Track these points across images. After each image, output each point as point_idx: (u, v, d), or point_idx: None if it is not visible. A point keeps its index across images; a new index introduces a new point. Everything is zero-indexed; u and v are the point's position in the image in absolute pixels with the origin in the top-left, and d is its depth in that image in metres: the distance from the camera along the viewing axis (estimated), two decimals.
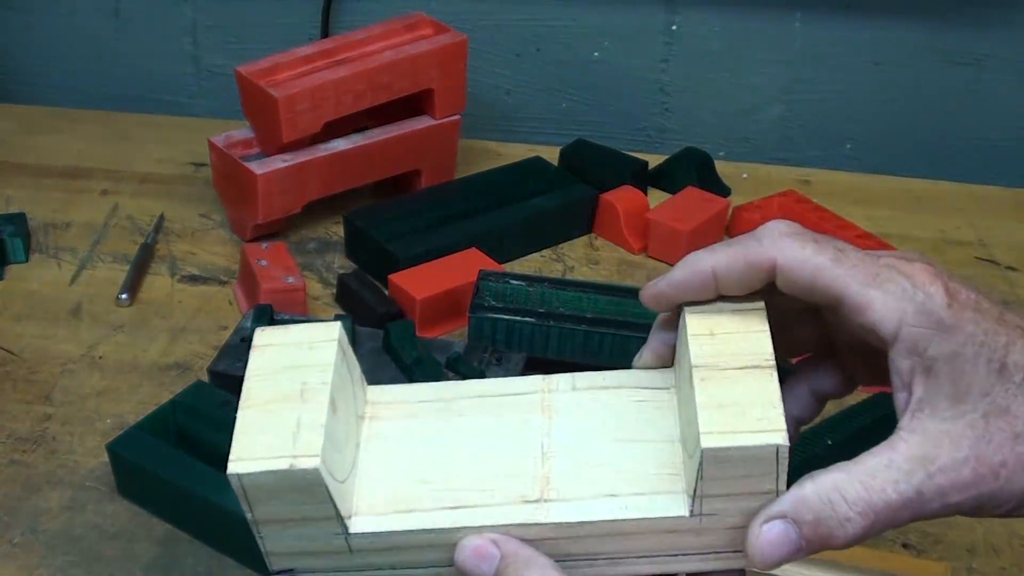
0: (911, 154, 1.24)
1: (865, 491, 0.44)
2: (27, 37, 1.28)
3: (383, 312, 0.89)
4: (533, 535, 0.45)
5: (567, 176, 1.09)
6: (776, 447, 0.43)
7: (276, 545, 0.46)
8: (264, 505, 0.45)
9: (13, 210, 1.05)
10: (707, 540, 0.46)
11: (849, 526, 0.43)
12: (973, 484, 0.43)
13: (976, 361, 0.44)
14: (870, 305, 0.44)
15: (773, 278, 0.46)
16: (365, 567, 0.47)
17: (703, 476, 0.44)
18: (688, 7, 1.20)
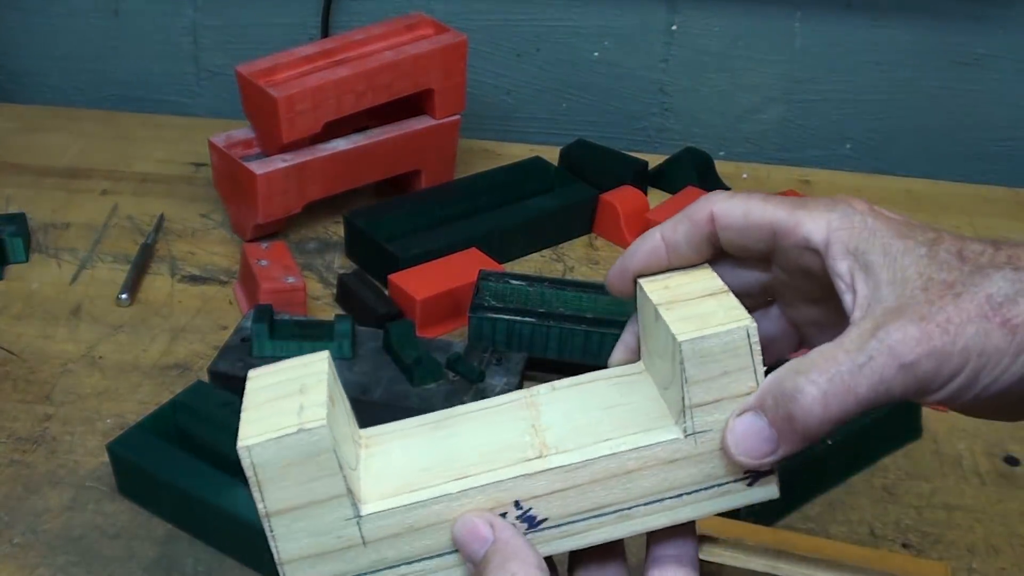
0: (911, 154, 1.24)
1: (819, 363, 0.44)
2: (27, 37, 1.28)
3: (383, 312, 0.89)
4: (540, 488, 0.46)
5: (567, 176, 1.09)
6: (746, 328, 0.45)
7: (288, 546, 0.46)
8: (274, 487, 0.45)
9: (13, 210, 1.05)
10: (707, 469, 0.47)
11: (802, 399, 0.44)
12: (923, 339, 0.43)
13: (906, 249, 0.46)
14: (799, 222, 0.48)
15: (715, 232, 0.49)
16: (379, 565, 0.47)
17: (687, 379, 0.45)
18: (688, 7, 1.20)
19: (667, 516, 0.47)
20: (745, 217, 0.49)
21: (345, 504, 0.46)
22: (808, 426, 0.44)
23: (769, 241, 0.49)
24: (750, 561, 0.62)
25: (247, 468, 0.45)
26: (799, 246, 0.48)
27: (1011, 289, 0.44)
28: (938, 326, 0.44)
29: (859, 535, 0.75)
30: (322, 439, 0.44)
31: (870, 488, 0.79)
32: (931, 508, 0.77)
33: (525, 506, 0.47)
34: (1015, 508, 0.77)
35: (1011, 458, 0.82)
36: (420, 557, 0.47)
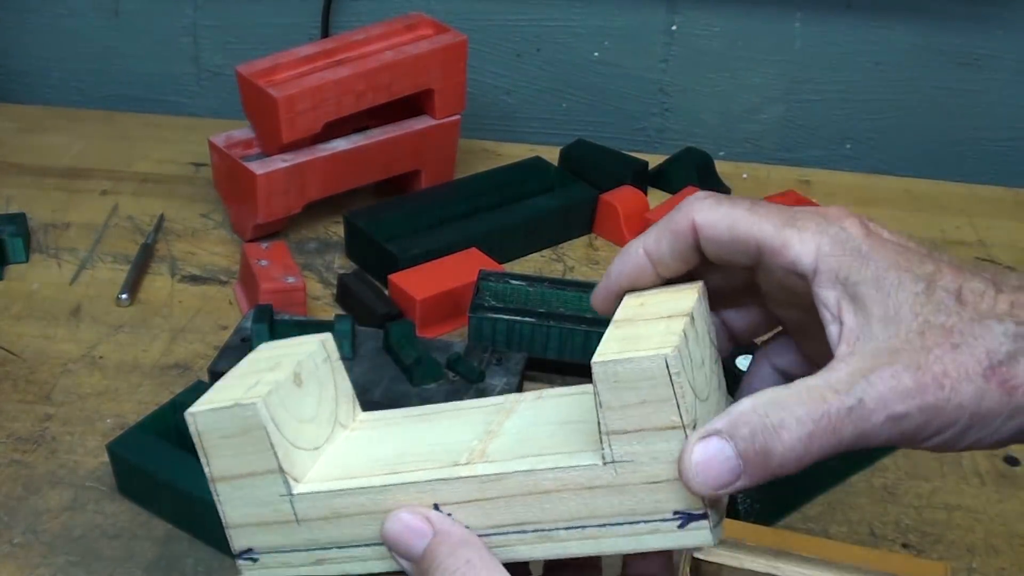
0: (911, 154, 1.24)
1: (804, 399, 0.41)
2: (27, 37, 1.28)
3: (383, 312, 0.89)
4: (459, 495, 0.46)
5: (567, 176, 1.09)
6: (664, 358, 0.42)
7: (232, 513, 0.49)
8: (216, 455, 0.48)
9: (13, 210, 1.05)
10: (629, 503, 0.44)
11: (786, 435, 0.41)
12: (916, 392, 0.41)
13: (901, 284, 0.43)
14: (786, 243, 0.45)
15: (698, 241, 0.47)
16: (312, 544, 0.48)
17: (601, 403, 0.43)
18: (688, 7, 1.20)
19: (590, 545, 0.45)
20: (730, 231, 0.46)
21: (278, 481, 0.48)
22: (785, 463, 0.41)
23: (754, 256, 0.46)
24: (750, 561, 0.61)
25: (193, 434, 0.48)
26: (785, 268, 0.45)
27: (1012, 347, 0.42)
28: (934, 379, 0.41)
29: (859, 535, 0.75)
30: (254, 415, 0.47)
31: (870, 488, 0.79)
32: (931, 508, 0.77)
33: (445, 511, 0.46)
34: (1015, 508, 0.77)
35: (1011, 458, 0.82)
36: (351, 543, 0.48)
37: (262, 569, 0.49)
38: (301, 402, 0.49)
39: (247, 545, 0.49)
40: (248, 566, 0.50)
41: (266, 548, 0.49)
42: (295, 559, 0.49)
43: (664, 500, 0.44)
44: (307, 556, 0.49)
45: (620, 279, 0.48)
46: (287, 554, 0.49)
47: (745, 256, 0.46)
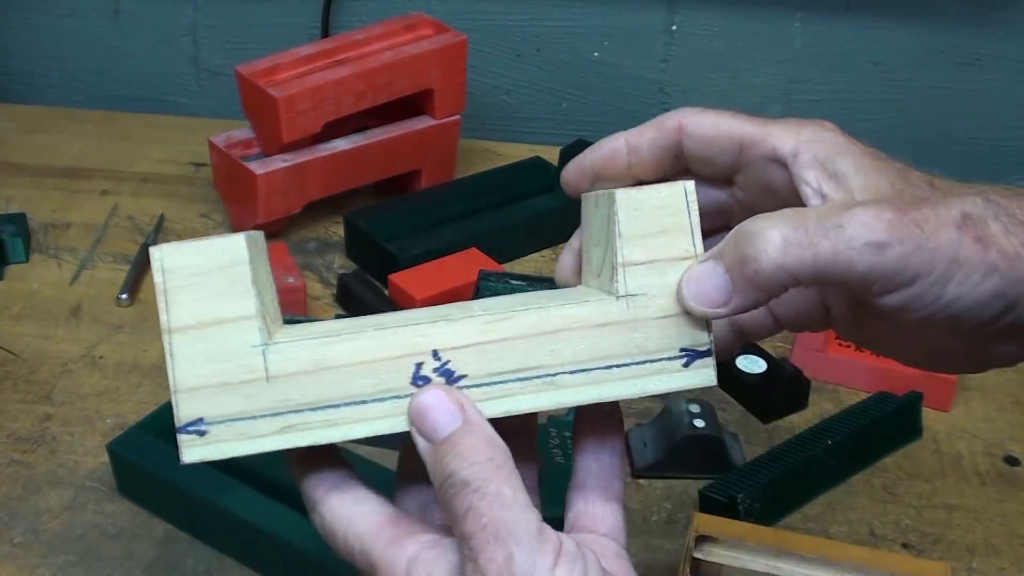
0: (911, 154, 1.23)
1: (786, 214, 0.43)
2: (27, 37, 1.28)
3: (383, 312, 0.89)
4: (461, 338, 0.44)
5: None
6: (683, 186, 0.44)
7: (185, 372, 0.43)
8: (180, 297, 0.42)
9: (13, 210, 1.05)
10: (639, 339, 0.44)
11: (760, 240, 0.42)
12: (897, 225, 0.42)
13: (878, 169, 0.46)
14: (768, 134, 0.47)
15: (679, 143, 0.48)
16: (281, 407, 0.43)
17: (620, 232, 0.44)
18: (688, 7, 1.20)
19: (594, 390, 0.44)
20: (714, 127, 0.48)
21: (252, 328, 0.43)
22: (760, 269, 0.42)
23: (735, 154, 0.48)
24: (750, 561, 0.62)
25: (156, 273, 0.42)
26: (766, 157, 0.47)
27: (983, 212, 0.43)
28: (913, 220, 0.42)
29: (859, 535, 0.75)
30: (238, 248, 0.43)
31: (870, 488, 0.79)
32: (931, 508, 0.77)
33: (443, 357, 0.44)
34: (1015, 508, 0.77)
35: (1011, 458, 0.82)
36: (331, 402, 0.43)
37: (209, 444, 0.43)
38: (262, 270, 0.45)
39: (197, 414, 0.43)
40: (192, 441, 0.43)
41: (220, 416, 0.43)
42: (256, 427, 0.43)
43: (672, 336, 0.44)
44: (272, 423, 0.43)
45: (594, 160, 0.50)
46: (246, 422, 0.43)
47: (725, 153, 0.48)
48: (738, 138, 0.48)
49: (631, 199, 0.44)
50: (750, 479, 0.73)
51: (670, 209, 0.44)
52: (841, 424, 0.79)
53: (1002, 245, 0.43)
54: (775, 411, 0.84)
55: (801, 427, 0.82)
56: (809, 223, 0.42)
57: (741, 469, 0.75)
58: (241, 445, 0.43)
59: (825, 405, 0.85)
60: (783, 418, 0.84)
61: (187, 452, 0.43)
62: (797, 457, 0.76)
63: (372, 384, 0.43)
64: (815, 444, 0.77)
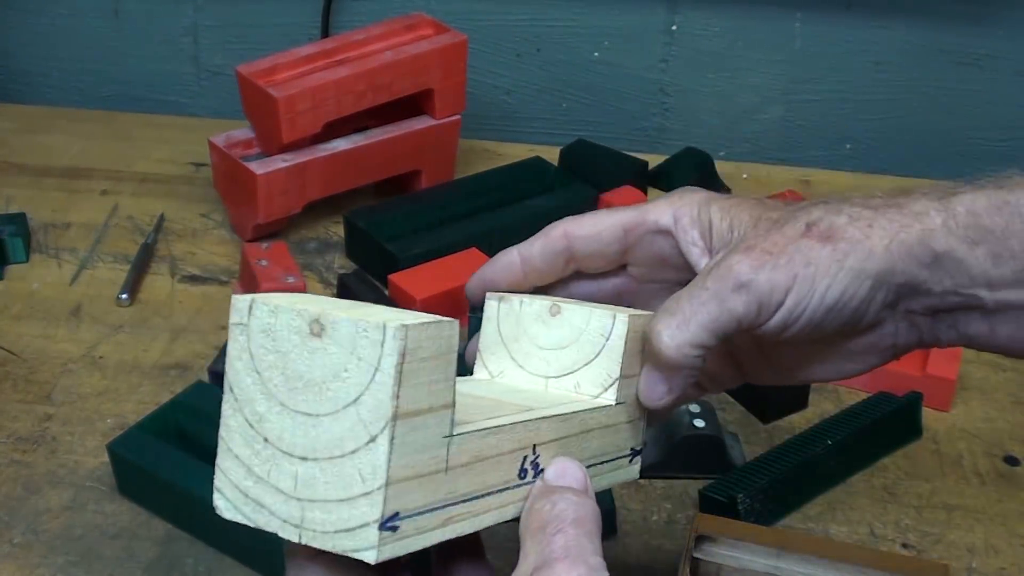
0: (911, 154, 1.24)
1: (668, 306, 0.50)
2: (27, 37, 1.28)
3: None
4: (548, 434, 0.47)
5: (567, 176, 1.08)
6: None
7: (398, 462, 0.39)
8: (412, 381, 0.39)
9: (13, 210, 1.05)
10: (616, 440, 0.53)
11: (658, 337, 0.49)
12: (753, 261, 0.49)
13: (741, 205, 0.52)
14: (646, 212, 0.54)
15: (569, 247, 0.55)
16: (449, 499, 0.42)
17: (626, 350, 0.51)
18: (688, 7, 1.20)
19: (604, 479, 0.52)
20: (595, 225, 0.55)
21: (446, 419, 0.41)
22: (669, 358, 0.49)
23: (621, 240, 0.54)
24: (750, 561, 0.62)
25: (394, 354, 0.38)
26: (650, 231, 0.54)
27: (825, 213, 0.50)
28: (763, 250, 0.49)
29: (859, 535, 0.75)
30: (452, 336, 0.40)
31: (870, 488, 0.79)
32: (931, 508, 0.77)
33: (537, 451, 0.46)
34: (1015, 508, 0.77)
35: (1011, 458, 0.82)
36: (480, 493, 0.43)
37: (397, 542, 0.40)
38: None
39: (395, 508, 0.39)
40: (385, 539, 0.39)
41: (410, 510, 0.40)
42: (427, 522, 0.41)
43: (628, 438, 0.53)
44: (438, 516, 0.41)
45: (492, 272, 0.57)
46: (423, 516, 0.41)
47: (612, 242, 0.55)
48: (620, 225, 0.54)
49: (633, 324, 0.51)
50: (750, 479, 0.73)
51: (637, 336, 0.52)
52: (841, 424, 0.79)
53: (848, 233, 0.49)
54: (775, 411, 0.84)
55: (801, 427, 0.82)
56: (683, 304, 0.49)
57: (741, 469, 0.75)
58: (415, 540, 0.41)
59: (825, 405, 0.85)
60: (783, 418, 0.84)
61: (380, 551, 0.39)
62: (797, 457, 0.76)
63: (501, 476, 0.45)
64: (815, 444, 0.77)
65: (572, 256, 0.56)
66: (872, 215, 0.49)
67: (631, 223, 0.54)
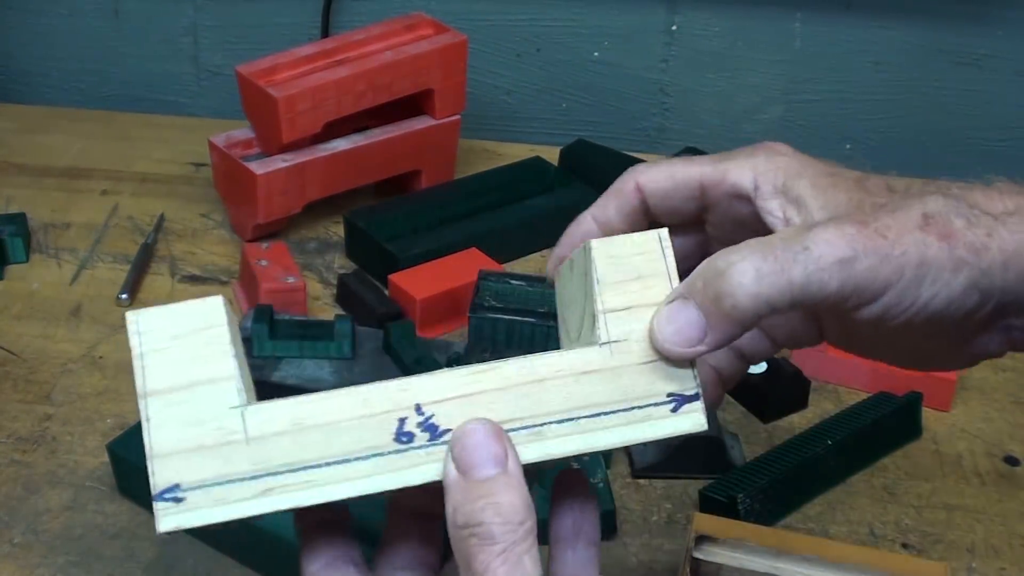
0: (911, 154, 1.24)
1: (752, 246, 0.43)
2: (27, 37, 1.28)
3: (383, 312, 0.89)
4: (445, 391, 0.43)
5: (567, 176, 1.08)
6: (657, 233, 0.45)
7: (161, 436, 0.41)
8: (157, 360, 0.42)
9: (13, 210, 1.05)
10: (624, 386, 0.44)
11: (735, 274, 0.42)
12: (859, 237, 0.43)
13: (835, 184, 0.46)
14: (726, 171, 0.48)
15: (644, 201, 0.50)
16: (261, 470, 0.42)
17: (599, 280, 0.44)
18: (688, 7, 1.20)
19: (582, 440, 0.43)
20: (670, 178, 0.49)
21: (231, 389, 0.42)
22: (737, 303, 0.42)
23: (698, 198, 0.49)
24: (750, 561, 0.62)
25: (132, 337, 0.42)
26: (728, 195, 0.48)
27: (944, 208, 0.44)
28: (876, 230, 0.43)
29: (859, 535, 0.75)
30: (216, 310, 0.43)
31: (870, 488, 0.79)
32: (931, 508, 0.77)
33: (427, 411, 0.42)
34: (1015, 508, 0.77)
35: (1011, 458, 0.82)
36: (306, 464, 0.42)
37: (186, 513, 0.41)
38: (238, 338, 0.44)
39: (173, 480, 0.41)
40: (168, 509, 0.41)
41: (197, 482, 0.41)
42: (234, 492, 0.41)
43: (657, 381, 0.44)
44: (251, 487, 0.41)
45: (570, 247, 0.51)
46: (224, 486, 0.41)
47: (689, 200, 0.49)
48: (696, 181, 0.49)
49: (607, 247, 0.45)
50: (750, 479, 0.73)
51: (646, 256, 0.45)
52: (841, 424, 0.79)
53: (967, 238, 0.43)
54: (775, 411, 0.84)
55: (801, 427, 0.82)
56: (777, 251, 0.42)
57: (741, 469, 0.75)
58: (219, 511, 0.41)
59: (825, 405, 0.85)
60: (783, 418, 0.84)
61: (163, 520, 0.41)
62: (797, 457, 0.76)
63: (354, 442, 0.42)
64: (815, 444, 0.77)
65: (648, 210, 0.50)
66: (991, 223, 0.44)
67: (709, 182, 0.48)
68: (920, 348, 0.48)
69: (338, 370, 0.81)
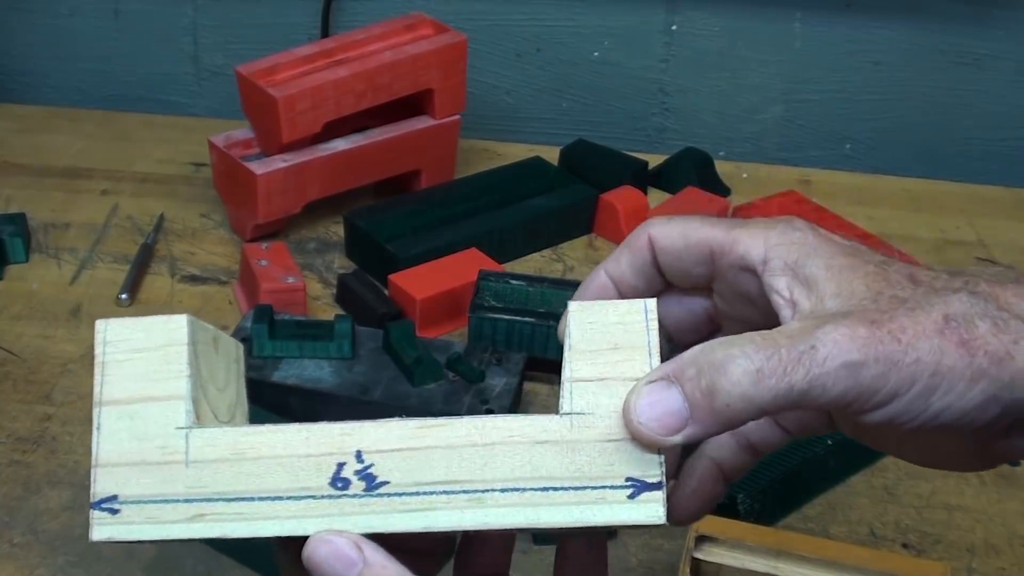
0: (911, 154, 1.24)
1: (754, 339, 0.39)
2: (27, 37, 1.28)
3: (383, 312, 0.89)
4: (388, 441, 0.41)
5: (567, 176, 1.09)
6: (644, 303, 0.42)
7: (108, 447, 0.42)
8: (115, 371, 0.43)
9: (13, 210, 1.05)
10: (581, 463, 0.40)
11: (733, 370, 0.38)
12: (871, 341, 0.39)
13: (852, 267, 0.42)
14: (736, 240, 0.44)
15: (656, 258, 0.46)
16: (196, 494, 0.41)
17: (570, 345, 0.42)
18: (688, 7, 1.20)
19: (525, 514, 0.40)
20: (683, 238, 0.46)
21: (179, 409, 0.42)
22: (731, 402, 0.39)
23: (708, 263, 0.45)
24: (750, 561, 0.62)
25: (97, 346, 0.43)
26: (736, 266, 0.44)
27: (969, 310, 0.40)
28: (890, 333, 0.39)
29: (859, 535, 0.75)
30: (179, 329, 0.44)
31: (870, 488, 0.79)
32: (931, 508, 0.77)
33: (367, 460, 0.41)
34: (1015, 508, 0.77)
35: None
36: (246, 495, 0.41)
37: (119, 525, 0.41)
38: (215, 365, 0.44)
39: (112, 491, 0.41)
40: (103, 519, 0.41)
41: (134, 496, 0.41)
42: (167, 512, 0.41)
43: (618, 462, 0.40)
44: (184, 510, 0.41)
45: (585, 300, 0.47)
46: (159, 505, 0.41)
47: (698, 263, 0.46)
48: (707, 245, 0.45)
49: (586, 312, 0.42)
50: (750, 479, 0.73)
51: (627, 326, 0.42)
52: None
53: (990, 347, 0.40)
54: None
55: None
56: (781, 349, 0.39)
57: None
58: (149, 529, 0.41)
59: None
60: None
61: (97, 529, 0.41)
62: (797, 457, 0.76)
63: (289, 480, 0.41)
64: (815, 444, 0.77)
65: (659, 268, 0.47)
66: (1021, 327, 0.40)
67: (719, 249, 0.45)
68: (936, 450, 0.45)
69: (338, 370, 0.81)
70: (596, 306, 0.43)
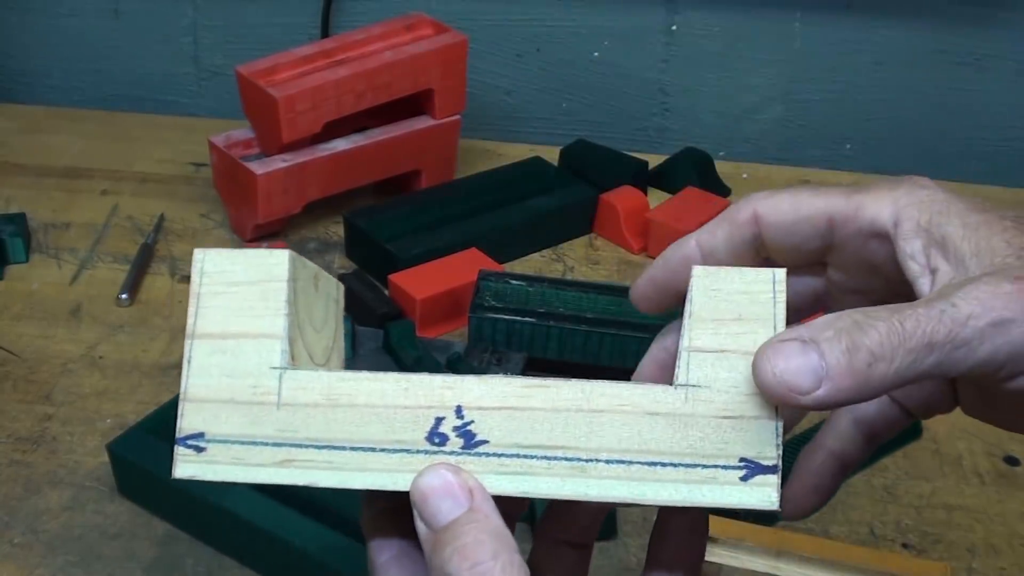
0: (911, 154, 1.24)
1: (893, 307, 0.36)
2: (27, 37, 1.28)
3: (383, 312, 0.89)
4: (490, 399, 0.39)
5: (567, 176, 1.09)
6: (772, 272, 0.39)
7: (198, 381, 0.40)
8: (211, 304, 0.41)
9: (13, 210, 1.05)
10: (690, 438, 0.38)
11: (880, 328, 0.36)
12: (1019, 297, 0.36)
13: (988, 222, 0.39)
14: (861, 206, 0.41)
15: (759, 234, 0.43)
16: (286, 439, 0.39)
17: (692, 312, 0.39)
18: (688, 7, 1.20)
19: (629, 488, 0.38)
20: (795, 211, 0.42)
21: (274, 348, 0.40)
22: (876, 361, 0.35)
23: (825, 235, 0.42)
24: (750, 561, 0.62)
25: (194, 275, 0.41)
26: (863, 233, 0.41)
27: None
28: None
29: (859, 535, 0.75)
30: (280, 265, 0.41)
31: (870, 488, 0.79)
32: (931, 508, 0.77)
33: (467, 416, 0.39)
34: (1015, 508, 0.77)
35: (1011, 458, 0.82)
36: (332, 443, 0.39)
37: (204, 464, 0.40)
38: (314, 304, 0.43)
39: (199, 428, 0.40)
40: (187, 456, 0.40)
41: (222, 435, 0.40)
42: (255, 455, 0.39)
43: (732, 442, 0.38)
44: (272, 453, 0.39)
45: (666, 273, 0.44)
46: (247, 447, 0.39)
47: (813, 237, 0.42)
48: (825, 216, 0.42)
49: (710, 278, 0.39)
50: None
51: (754, 296, 0.39)
52: None
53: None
54: None
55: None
56: (919, 309, 0.36)
57: None
58: (235, 470, 0.39)
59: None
60: None
61: (181, 466, 0.40)
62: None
63: (384, 431, 0.39)
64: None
65: (763, 246, 0.43)
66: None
67: (841, 216, 0.41)
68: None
69: None
70: (722, 272, 0.40)
